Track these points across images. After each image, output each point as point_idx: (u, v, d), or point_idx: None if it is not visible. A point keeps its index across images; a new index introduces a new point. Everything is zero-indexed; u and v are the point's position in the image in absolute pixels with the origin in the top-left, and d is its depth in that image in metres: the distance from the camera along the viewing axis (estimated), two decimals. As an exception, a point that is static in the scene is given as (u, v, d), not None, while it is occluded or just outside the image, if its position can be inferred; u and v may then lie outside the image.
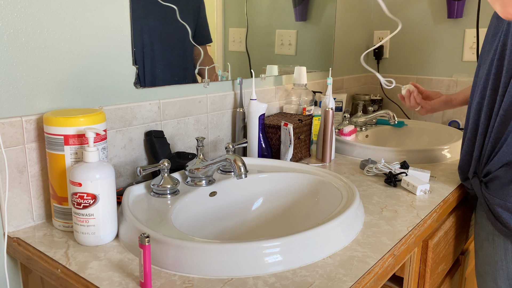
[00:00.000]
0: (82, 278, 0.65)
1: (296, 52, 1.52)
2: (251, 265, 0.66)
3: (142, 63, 0.99)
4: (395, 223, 0.86)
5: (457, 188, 1.07)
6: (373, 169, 1.15)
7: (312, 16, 1.56)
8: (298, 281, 0.64)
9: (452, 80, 1.81)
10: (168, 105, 1.06)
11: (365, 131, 1.58)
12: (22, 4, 0.77)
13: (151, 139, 1.00)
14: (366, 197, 0.99)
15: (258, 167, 1.06)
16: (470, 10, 1.74)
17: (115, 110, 0.94)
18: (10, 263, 0.83)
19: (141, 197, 0.88)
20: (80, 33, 0.86)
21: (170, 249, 0.67)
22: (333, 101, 1.26)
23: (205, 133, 1.18)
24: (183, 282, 0.64)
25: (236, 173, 0.84)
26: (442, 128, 1.58)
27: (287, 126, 1.14)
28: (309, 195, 0.98)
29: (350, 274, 0.66)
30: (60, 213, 0.80)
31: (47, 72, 0.82)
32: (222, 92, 1.21)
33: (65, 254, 0.72)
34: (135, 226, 0.73)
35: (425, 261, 0.96)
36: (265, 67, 1.38)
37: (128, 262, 0.70)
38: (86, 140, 0.75)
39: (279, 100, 1.44)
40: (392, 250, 0.75)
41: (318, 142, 1.28)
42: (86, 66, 0.89)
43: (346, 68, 1.87)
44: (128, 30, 0.95)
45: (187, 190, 0.91)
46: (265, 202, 1.00)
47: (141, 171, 0.85)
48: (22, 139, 0.80)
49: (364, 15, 1.94)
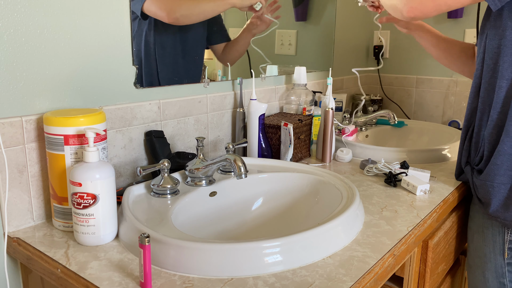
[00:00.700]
0: (82, 278, 0.65)
1: (296, 52, 1.52)
2: (251, 265, 0.66)
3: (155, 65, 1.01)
4: (395, 223, 0.86)
5: (457, 188, 1.07)
6: (373, 169, 1.15)
7: (312, 16, 1.56)
8: (298, 281, 0.64)
9: (452, 80, 1.81)
10: (168, 105, 1.06)
11: (365, 131, 1.58)
12: (22, 4, 0.77)
13: (151, 139, 1.00)
14: (366, 197, 0.99)
15: (258, 167, 1.06)
16: (470, 10, 1.74)
17: (115, 110, 0.94)
18: (10, 263, 0.83)
19: (141, 197, 0.88)
20: (80, 33, 0.86)
21: (170, 249, 0.67)
22: (333, 101, 1.26)
23: (205, 133, 1.18)
24: (183, 282, 0.64)
25: (236, 173, 0.84)
26: (442, 128, 1.58)
27: (287, 126, 1.14)
28: (309, 195, 0.98)
29: (350, 274, 0.66)
30: (60, 213, 0.80)
31: (47, 72, 0.82)
32: (222, 92, 1.21)
33: (65, 254, 0.72)
34: (135, 226, 0.73)
35: (425, 261, 0.96)
36: (265, 67, 1.38)
37: (128, 262, 0.70)
38: (86, 140, 0.75)
39: (279, 100, 1.44)
40: (392, 250, 0.75)
41: (318, 142, 1.28)
42: (86, 66, 0.89)
43: (346, 68, 1.87)
44: (128, 30, 0.95)
45: (187, 190, 0.91)
46: (265, 202, 1.00)
47: (141, 171, 0.85)
48: (22, 139, 0.80)
49: (364, 15, 1.94)
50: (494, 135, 0.97)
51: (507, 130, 0.94)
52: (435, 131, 1.58)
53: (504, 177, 0.96)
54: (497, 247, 1.00)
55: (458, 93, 1.80)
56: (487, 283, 1.04)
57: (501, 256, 1.00)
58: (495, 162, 0.96)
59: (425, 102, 1.89)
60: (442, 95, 1.84)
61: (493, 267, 1.02)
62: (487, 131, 0.98)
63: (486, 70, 0.98)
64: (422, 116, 1.91)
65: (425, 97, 1.89)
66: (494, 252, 1.01)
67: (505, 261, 0.99)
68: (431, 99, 1.87)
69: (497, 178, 0.96)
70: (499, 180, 0.96)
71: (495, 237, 1.00)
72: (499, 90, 0.95)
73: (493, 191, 0.97)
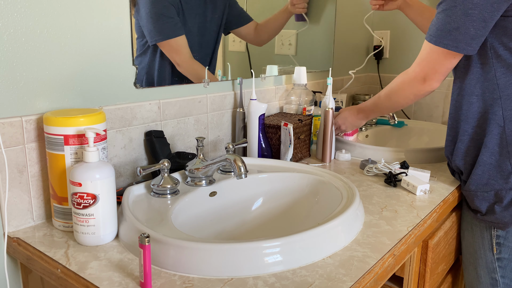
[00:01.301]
0: (82, 278, 0.65)
1: (296, 52, 1.52)
2: (251, 265, 0.66)
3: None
4: (395, 223, 0.86)
5: (457, 188, 1.07)
6: (373, 169, 1.15)
7: (312, 16, 1.56)
8: (298, 281, 0.64)
9: (452, 80, 1.81)
10: (168, 105, 1.06)
11: (365, 131, 1.58)
12: (22, 4, 0.77)
13: (151, 139, 1.00)
14: (366, 197, 0.99)
15: (258, 167, 1.06)
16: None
17: (115, 110, 0.94)
18: (10, 263, 0.83)
19: (141, 197, 0.88)
20: (80, 33, 0.86)
21: (170, 249, 0.67)
22: (333, 101, 1.26)
23: (205, 133, 1.18)
24: (183, 282, 0.64)
25: (236, 173, 0.84)
26: (442, 128, 1.58)
27: (287, 126, 1.14)
28: (309, 195, 0.98)
29: (350, 274, 0.66)
30: (60, 213, 0.80)
31: (47, 72, 0.82)
32: (222, 92, 1.21)
33: (65, 254, 0.72)
34: (135, 226, 0.73)
35: (425, 261, 0.96)
36: (265, 67, 1.38)
37: (128, 262, 0.70)
38: (86, 140, 0.75)
39: (279, 100, 1.44)
40: (392, 250, 0.75)
41: (318, 142, 1.28)
42: (86, 66, 0.89)
43: (346, 68, 1.87)
44: (128, 30, 0.95)
45: (187, 190, 0.91)
46: (265, 202, 1.00)
47: (141, 171, 0.85)
48: (22, 139, 0.80)
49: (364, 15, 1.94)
50: (471, 148, 1.01)
51: (485, 142, 0.97)
52: (435, 131, 1.58)
53: (487, 186, 0.98)
54: (486, 243, 1.03)
55: (458, 93, 1.80)
56: (480, 279, 1.05)
57: (491, 252, 1.02)
58: (476, 173, 0.99)
59: (425, 102, 1.89)
60: (442, 95, 1.84)
61: (484, 263, 1.04)
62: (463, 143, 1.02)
63: (454, 85, 1.03)
64: (422, 116, 1.91)
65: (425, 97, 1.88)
66: (483, 248, 1.04)
67: (495, 256, 1.02)
68: (431, 99, 1.87)
69: (480, 188, 0.99)
70: (482, 189, 0.99)
71: (483, 233, 1.03)
72: (470, 105, 0.98)
73: (477, 200, 1.00)
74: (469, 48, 0.92)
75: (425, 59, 1.00)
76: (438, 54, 0.96)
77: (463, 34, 0.90)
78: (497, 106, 0.95)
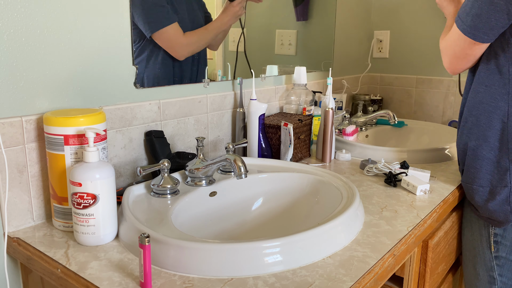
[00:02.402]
0: (82, 278, 0.65)
1: (296, 52, 1.52)
2: (251, 265, 0.66)
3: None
4: (395, 223, 0.86)
5: (457, 188, 1.07)
6: (373, 169, 1.15)
7: (312, 16, 1.56)
8: (298, 281, 0.64)
9: (452, 80, 1.81)
10: (168, 105, 1.06)
11: (365, 131, 1.58)
12: (22, 4, 0.77)
13: (151, 139, 1.00)
14: (366, 197, 0.99)
15: (258, 167, 1.06)
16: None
17: (115, 110, 0.94)
18: (10, 263, 0.83)
19: (141, 197, 0.88)
20: (80, 33, 0.86)
21: (170, 249, 0.67)
22: (333, 101, 1.26)
23: (205, 133, 1.18)
24: (183, 282, 0.64)
25: (236, 173, 0.84)
26: (442, 128, 1.58)
27: (287, 126, 1.14)
28: (309, 195, 0.98)
29: (350, 274, 0.66)
30: (60, 213, 0.80)
31: (47, 72, 0.82)
32: (222, 92, 1.21)
33: (65, 254, 0.72)
34: (135, 226, 0.73)
35: (425, 261, 0.96)
36: (265, 67, 1.38)
37: (128, 262, 0.70)
38: (86, 140, 0.75)
39: (279, 100, 1.44)
40: (392, 250, 0.75)
41: (318, 142, 1.28)
42: (86, 66, 0.89)
43: (346, 68, 1.87)
44: (128, 30, 0.95)
45: (187, 190, 0.91)
46: (265, 202, 1.00)
47: (141, 171, 0.85)
48: (22, 139, 0.80)
49: (364, 15, 1.94)
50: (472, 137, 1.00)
51: (486, 135, 0.96)
52: (435, 131, 1.58)
53: (483, 181, 0.98)
54: (484, 241, 1.03)
55: (458, 93, 1.80)
56: (478, 277, 1.06)
57: (489, 250, 1.02)
58: (474, 166, 0.98)
59: (425, 102, 1.89)
60: (442, 95, 1.84)
61: (483, 261, 1.04)
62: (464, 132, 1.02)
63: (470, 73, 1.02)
64: (422, 116, 1.91)
65: (425, 97, 1.89)
66: (482, 246, 1.04)
67: (492, 254, 1.02)
68: (431, 99, 1.87)
69: (476, 181, 0.99)
70: (478, 183, 0.99)
71: (481, 231, 1.03)
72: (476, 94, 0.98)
73: (473, 193, 1.00)
74: (485, 37, 0.90)
75: (449, 38, 0.98)
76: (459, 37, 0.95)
77: (483, 22, 0.89)
78: (503, 101, 0.94)
